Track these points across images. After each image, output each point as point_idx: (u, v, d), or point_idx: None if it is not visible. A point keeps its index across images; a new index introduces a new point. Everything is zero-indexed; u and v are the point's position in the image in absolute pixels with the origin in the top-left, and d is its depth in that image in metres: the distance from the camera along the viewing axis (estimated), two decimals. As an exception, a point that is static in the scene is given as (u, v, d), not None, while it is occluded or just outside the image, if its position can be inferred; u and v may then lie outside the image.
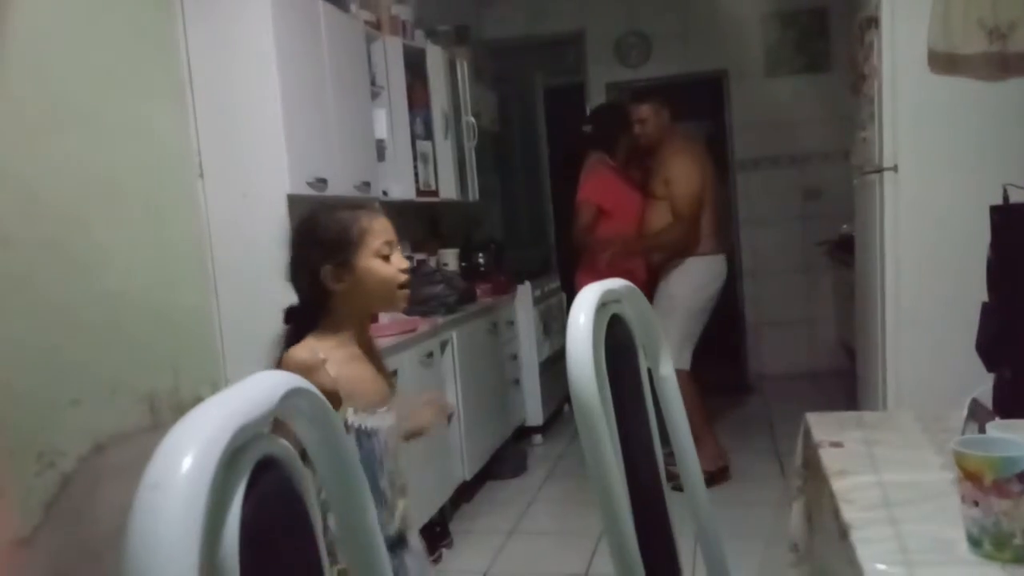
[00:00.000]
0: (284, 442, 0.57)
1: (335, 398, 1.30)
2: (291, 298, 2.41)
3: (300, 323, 1.36)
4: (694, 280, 3.17)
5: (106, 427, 1.89)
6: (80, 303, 1.88)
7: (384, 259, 1.35)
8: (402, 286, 1.38)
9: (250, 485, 0.50)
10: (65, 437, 1.78)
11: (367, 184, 2.86)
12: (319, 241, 1.34)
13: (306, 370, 1.27)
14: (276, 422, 0.55)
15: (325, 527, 0.68)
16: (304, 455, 0.63)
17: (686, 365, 3.13)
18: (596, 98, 4.99)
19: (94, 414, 1.87)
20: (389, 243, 1.36)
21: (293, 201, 2.40)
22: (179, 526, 0.39)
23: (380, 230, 1.36)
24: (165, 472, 0.40)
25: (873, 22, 2.63)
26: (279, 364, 1.31)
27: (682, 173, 3.13)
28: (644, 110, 3.23)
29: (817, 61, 4.80)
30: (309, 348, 1.31)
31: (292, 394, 0.56)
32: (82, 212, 1.92)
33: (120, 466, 1.84)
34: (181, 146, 2.35)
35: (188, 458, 0.41)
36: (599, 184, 3.38)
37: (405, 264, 1.39)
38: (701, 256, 3.18)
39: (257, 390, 0.53)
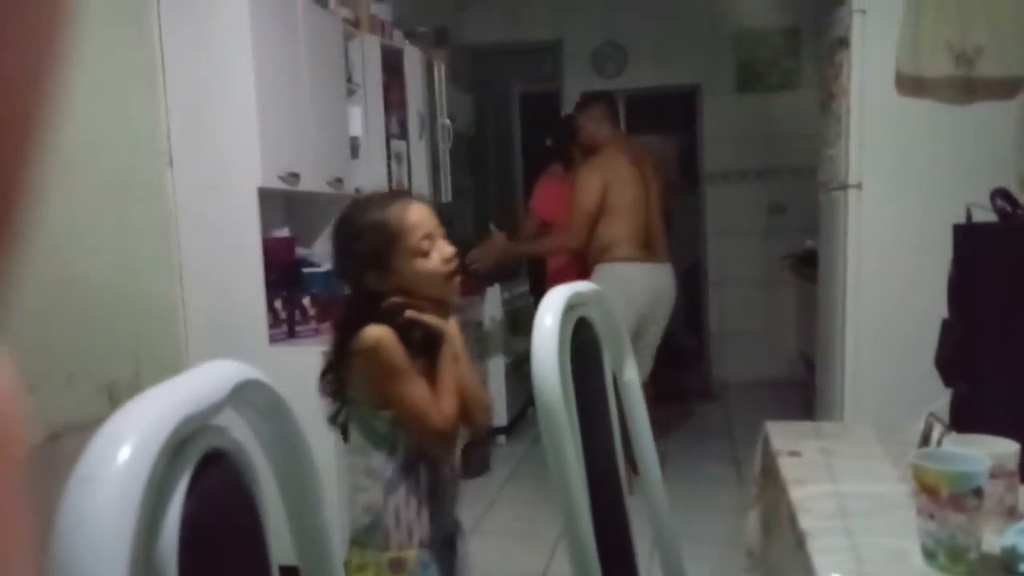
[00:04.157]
0: (234, 436, 0.55)
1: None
2: (257, 292, 2.39)
3: (360, 316, 1.29)
4: (603, 287, 3.16)
5: (62, 416, 1.83)
6: (38, 286, 1.82)
7: (424, 255, 1.27)
8: (450, 276, 1.30)
9: (194, 479, 0.48)
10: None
11: (339, 180, 2.83)
12: (354, 250, 1.27)
13: (380, 342, 1.22)
14: None
15: None
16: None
17: None
18: (571, 106, 5.00)
19: (49, 402, 1.81)
20: (428, 236, 1.28)
21: (264, 194, 2.36)
22: (109, 523, 0.36)
23: (415, 224, 1.28)
24: (99, 463, 0.38)
25: (843, 43, 2.68)
26: (349, 346, 1.25)
27: (578, 183, 3.10)
28: (578, 118, 3.26)
29: (788, 79, 4.87)
30: (376, 328, 1.24)
31: (244, 385, 0.54)
32: (43, 192, 1.86)
33: (75, 457, 1.78)
34: (150, 133, 2.29)
35: (125, 449, 0.38)
36: (543, 196, 3.51)
37: (449, 252, 1.30)
38: (611, 263, 3.07)
39: (207, 380, 0.50)
